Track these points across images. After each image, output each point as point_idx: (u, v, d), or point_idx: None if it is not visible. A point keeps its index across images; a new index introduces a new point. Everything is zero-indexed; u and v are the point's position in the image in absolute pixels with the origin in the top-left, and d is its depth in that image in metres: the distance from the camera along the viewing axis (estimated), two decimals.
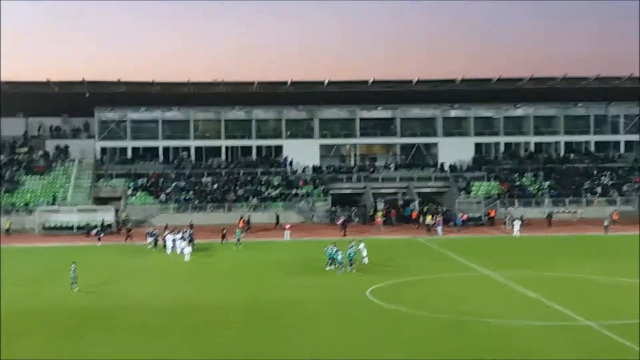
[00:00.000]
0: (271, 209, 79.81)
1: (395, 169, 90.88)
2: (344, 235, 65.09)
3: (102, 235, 64.65)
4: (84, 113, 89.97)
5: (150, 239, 59.97)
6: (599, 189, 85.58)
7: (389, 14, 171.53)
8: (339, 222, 71.57)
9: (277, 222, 74.50)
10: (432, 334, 31.46)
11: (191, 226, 65.21)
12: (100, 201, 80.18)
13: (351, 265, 47.11)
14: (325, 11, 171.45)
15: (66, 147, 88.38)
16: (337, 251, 47.35)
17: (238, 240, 60.21)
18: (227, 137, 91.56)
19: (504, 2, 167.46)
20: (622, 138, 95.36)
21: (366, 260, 48.18)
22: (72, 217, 73.30)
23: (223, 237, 62.18)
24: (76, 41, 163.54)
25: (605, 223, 68.66)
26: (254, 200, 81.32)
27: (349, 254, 47.40)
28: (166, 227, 62.55)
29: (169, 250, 56.86)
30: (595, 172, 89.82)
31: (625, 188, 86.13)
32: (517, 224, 68.58)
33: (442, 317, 34.19)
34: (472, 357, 28.04)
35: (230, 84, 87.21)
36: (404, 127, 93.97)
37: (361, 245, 48.57)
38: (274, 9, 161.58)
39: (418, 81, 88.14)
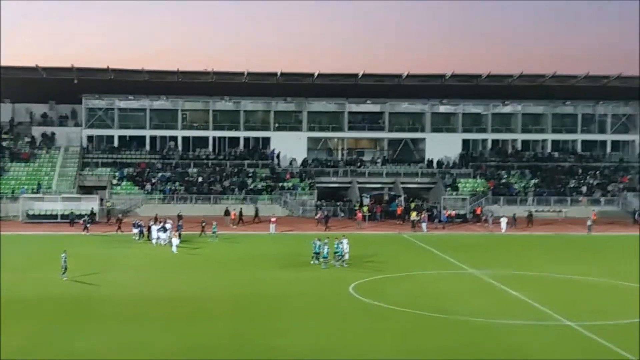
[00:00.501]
0: (257, 202, 79.62)
1: (382, 163, 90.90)
2: (326, 229, 65.00)
3: (89, 224, 64.28)
4: (72, 100, 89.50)
5: (135, 230, 59.74)
6: (584, 189, 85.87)
7: (380, 7, 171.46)
8: (317, 216, 71.62)
9: (256, 215, 74.05)
10: (412, 330, 31.51)
11: (180, 217, 65.13)
12: (85, 190, 79.90)
13: (341, 259, 47.06)
14: (316, 4, 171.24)
15: (52, 134, 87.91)
16: (323, 245, 47.29)
17: (214, 232, 60.10)
18: (215, 127, 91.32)
19: None
20: (609, 137, 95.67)
21: (347, 256, 48.02)
22: (56, 206, 73.00)
23: (202, 229, 61.92)
24: (66, 28, 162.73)
25: (589, 223, 68.94)
26: (240, 193, 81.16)
27: (337, 249, 47.37)
28: (156, 218, 62.30)
29: (154, 241, 56.70)
30: (580, 171, 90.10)
31: (610, 188, 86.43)
32: (503, 221, 68.94)
33: (423, 313, 34.25)
34: (453, 353, 28.11)
35: (219, 73, 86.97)
36: (392, 121, 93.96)
37: (344, 241, 48.46)
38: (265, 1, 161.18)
39: (407, 75, 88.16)
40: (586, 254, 55.97)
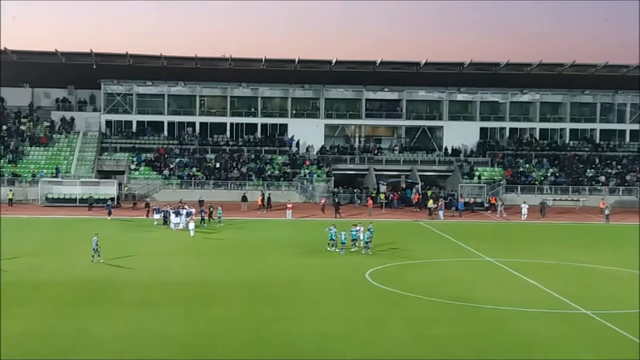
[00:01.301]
0: (276, 188, 79.86)
1: (400, 151, 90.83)
2: (337, 217, 64.93)
3: (112, 209, 64.65)
4: (91, 85, 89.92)
5: (157, 216, 59.91)
6: (602, 178, 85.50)
7: None
8: (322, 202, 71.53)
9: (268, 202, 73.27)
10: (428, 316, 31.66)
11: (201, 202, 65.60)
12: (104, 174, 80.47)
13: (367, 246, 47.29)
14: None
15: (72, 119, 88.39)
16: (338, 232, 47.49)
17: (219, 218, 60.39)
18: (233, 114, 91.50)
19: None
20: (627, 127, 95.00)
21: (362, 243, 47.96)
22: (75, 190, 73.55)
23: (210, 215, 62.11)
24: (84, 12, 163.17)
25: (607, 212, 68.70)
26: (258, 179, 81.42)
27: (353, 235, 47.57)
28: (181, 202, 62.74)
29: (172, 226, 57.02)
30: (598, 160, 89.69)
31: (628, 177, 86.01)
32: (524, 207, 69.14)
33: (438, 301, 34.39)
34: (468, 341, 28.24)
35: (237, 60, 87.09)
36: (409, 109, 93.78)
37: (360, 228, 48.53)
38: None
39: (425, 63, 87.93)
40: (604, 243, 55.87)
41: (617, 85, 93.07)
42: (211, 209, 62.36)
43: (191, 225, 54.20)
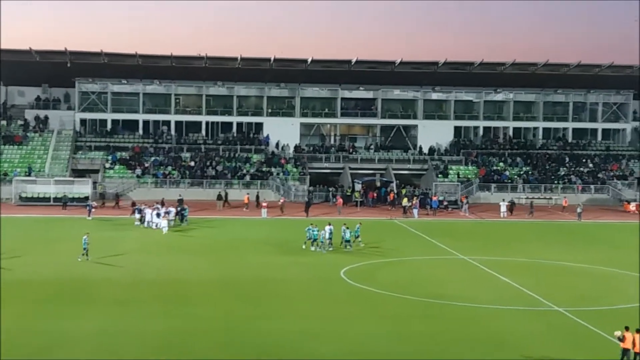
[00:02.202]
0: (250, 187, 79.95)
1: (375, 150, 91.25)
2: (307, 216, 65.04)
3: (93, 209, 64.06)
4: (65, 84, 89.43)
5: (138, 215, 59.46)
6: (574, 177, 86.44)
7: None
8: (280, 202, 71.22)
9: (225, 200, 73.33)
10: (401, 314, 31.99)
11: (180, 201, 65.55)
12: (78, 173, 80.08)
13: (348, 244, 47.78)
14: None
15: (46, 117, 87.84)
16: (317, 231, 47.73)
17: (184, 217, 60.09)
18: (208, 112, 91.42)
19: None
20: (600, 126, 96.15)
21: (328, 243, 48.02)
22: (49, 189, 73.16)
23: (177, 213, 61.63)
24: (59, 10, 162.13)
25: (579, 210, 69.51)
26: (234, 177, 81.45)
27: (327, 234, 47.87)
28: (162, 202, 62.61)
29: (152, 225, 56.88)
30: (570, 159, 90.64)
31: (600, 176, 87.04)
32: (503, 205, 70.17)
33: (413, 298, 34.75)
34: (441, 338, 28.59)
35: (212, 58, 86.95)
36: (384, 108, 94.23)
37: (327, 228, 48.49)
38: None
39: (400, 62, 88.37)
40: (576, 241, 56.51)
41: (590, 85, 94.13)
42: (179, 208, 61.97)
43: (163, 223, 54.34)
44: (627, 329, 25.05)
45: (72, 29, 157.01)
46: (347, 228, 48.53)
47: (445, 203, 75.00)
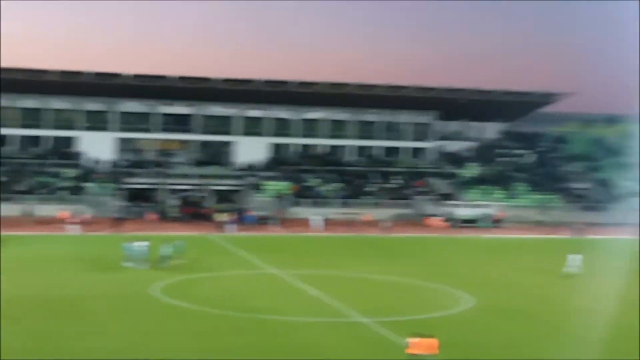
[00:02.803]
0: (64, 202, 78.25)
1: (193, 165, 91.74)
2: (115, 231, 64.76)
3: None
4: None
5: None
6: (382, 193, 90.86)
7: (196, 10, 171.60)
8: (90, 218, 70.68)
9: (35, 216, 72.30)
10: (214, 329, 32.77)
11: None
12: None
13: (165, 260, 47.99)
14: (129, 4, 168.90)
15: None
16: (134, 247, 47.80)
17: None
18: (22, 125, 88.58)
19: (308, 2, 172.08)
20: (408, 144, 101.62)
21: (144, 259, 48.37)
22: None
23: None
24: None
25: (385, 225, 73.27)
26: (45, 192, 79.41)
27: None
28: None
29: None
30: (380, 176, 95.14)
31: (407, 192, 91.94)
32: (316, 219, 73.52)
33: (226, 313, 35.64)
34: (253, 351, 29.52)
35: (25, 70, 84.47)
36: (203, 124, 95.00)
37: (145, 244, 48.81)
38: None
39: (218, 79, 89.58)
40: (381, 254, 59.46)
41: (399, 105, 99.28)
42: None
43: None
44: (419, 336, 26.63)
45: None
46: (164, 244, 48.96)
47: (261, 218, 76.75)
